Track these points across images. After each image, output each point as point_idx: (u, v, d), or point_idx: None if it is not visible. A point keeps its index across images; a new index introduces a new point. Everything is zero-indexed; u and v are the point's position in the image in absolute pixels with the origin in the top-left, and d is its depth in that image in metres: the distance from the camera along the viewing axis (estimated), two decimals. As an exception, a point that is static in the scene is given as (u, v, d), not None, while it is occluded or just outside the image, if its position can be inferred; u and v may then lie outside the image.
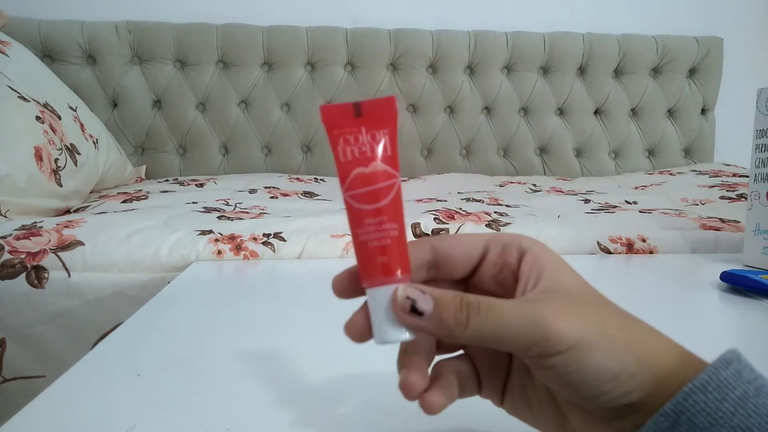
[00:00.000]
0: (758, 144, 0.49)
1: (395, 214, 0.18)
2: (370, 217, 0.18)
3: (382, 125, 0.18)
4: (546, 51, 1.20)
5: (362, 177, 0.18)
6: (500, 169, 1.22)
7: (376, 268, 0.18)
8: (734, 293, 0.43)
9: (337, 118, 0.18)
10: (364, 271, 0.18)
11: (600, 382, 0.16)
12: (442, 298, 0.17)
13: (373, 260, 0.18)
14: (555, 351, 0.16)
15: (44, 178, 0.71)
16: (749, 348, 0.33)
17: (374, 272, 0.18)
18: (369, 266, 0.18)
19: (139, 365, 0.30)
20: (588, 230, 0.60)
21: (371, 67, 1.16)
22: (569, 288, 0.18)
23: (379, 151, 0.18)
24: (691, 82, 1.26)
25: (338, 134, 0.18)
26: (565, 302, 0.17)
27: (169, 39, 1.10)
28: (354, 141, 0.18)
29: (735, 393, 0.15)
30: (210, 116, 1.14)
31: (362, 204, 0.18)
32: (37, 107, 0.76)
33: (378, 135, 0.18)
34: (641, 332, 0.18)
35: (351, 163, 0.18)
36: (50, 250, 0.55)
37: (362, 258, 0.18)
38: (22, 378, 0.55)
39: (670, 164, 1.25)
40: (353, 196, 0.18)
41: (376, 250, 0.18)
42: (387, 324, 0.18)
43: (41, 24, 1.05)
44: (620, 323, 0.17)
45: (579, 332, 0.16)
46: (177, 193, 0.86)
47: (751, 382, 0.15)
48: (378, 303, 0.18)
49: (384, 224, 0.18)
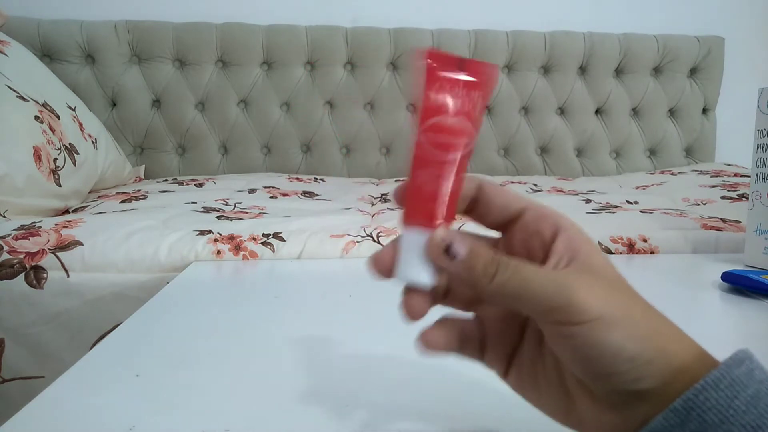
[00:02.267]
0: (759, 143, 0.49)
1: (459, 171, 0.18)
2: (435, 165, 0.18)
3: (480, 87, 0.18)
4: (547, 50, 1.19)
5: (446, 125, 0.18)
6: (501, 168, 1.22)
7: (423, 211, 0.18)
8: (735, 293, 0.43)
9: (442, 62, 0.18)
10: (411, 210, 0.18)
11: (616, 360, 0.16)
12: (476, 247, 0.18)
13: (423, 204, 0.18)
14: (577, 320, 0.16)
15: (43, 178, 0.71)
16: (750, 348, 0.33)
17: (420, 214, 0.18)
18: (417, 207, 0.18)
19: (138, 365, 0.30)
20: (589, 230, 0.59)
21: (371, 67, 1.16)
22: (602, 271, 0.18)
23: (469, 107, 0.18)
24: (693, 81, 1.26)
25: (438, 75, 0.18)
26: (595, 279, 0.17)
27: (168, 38, 1.10)
28: (450, 88, 0.18)
29: (747, 391, 0.15)
30: (209, 116, 1.14)
31: (435, 149, 0.18)
32: (36, 107, 0.76)
33: (474, 94, 0.18)
34: (665, 324, 0.18)
35: (440, 108, 0.18)
36: (49, 250, 0.55)
37: (413, 198, 0.18)
38: (21, 378, 0.55)
39: (671, 164, 1.25)
40: (429, 138, 0.18)
41: (429, 195, 0.18)
42: (414, 265, 0.18)
43: (40, 23, 1.05)
44: (645, 311, 0.17)
45: (604, 308, 0.16)
46: (176, 193, 0.86)
47: (763, 382, 0.15)
48: (412, 243, 0.18)
49: (446, 175, 0.18)
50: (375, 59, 1.15)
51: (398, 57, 1.16)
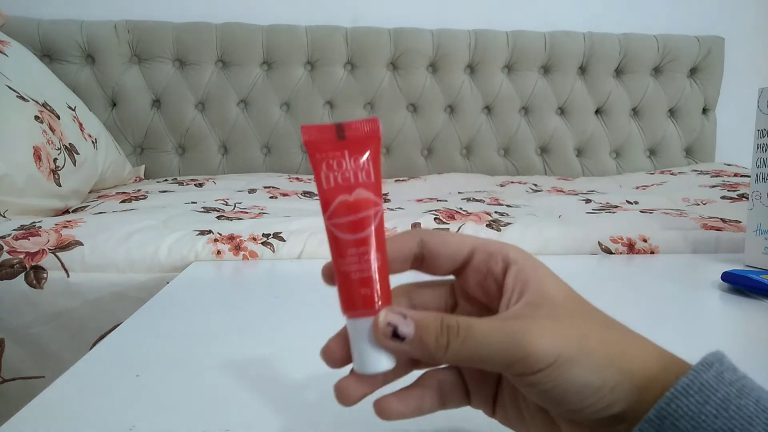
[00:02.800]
0: (759, 143, 0.49)
1: (378, 243, 0.18)
2: (352, 247, 0.17)
3: (365, 149, 0.18)
4: (547, 50, 1.19)
5: (346, 205, 0.17)
6: (501, 168, 1.22)
7: (357, 300, 0.17)
8: (735, 293, 0.43)
9: (320, 140, 0.18)
10: (345, 301, 0.18)
11: (582, 396, 0.16)
12: (422, 321, 0.17)
13: (355, 291, 0.17)
14: (535, 369, 0.16)
15: (43, 178, 0.71)
16: (750, 348, 0.33)
17: (356, 303, 0.17)
18: (350, 297, 0.18)
19: (139, 366, 0.30)
20: (589, 230, 0.60)
21: (371, 67, 1.16)
22: (553, 300, 0.18)
23: (362, 177, 0.17)
24: (693, 81, 1.26)
25: (321, 158, 0.18)
26: (547, 317, 0.17)
27: (168, 38, 1.10)
28: (337, 166, 0.17)
29: (717, 395, 0.15)
30: (209, 116, 1.14)
31: (345, 233, 0.17)
32: (36, 107, 0.76)
33: (362, 160, 0.18)
34: (622, 342, 0.18)
35: (334, 190, 0.17)
36: (49, 250, 0.55)
37: (344, 288, 0.18)
38: (21, 378, 0.55)
39: (671, 164, 1.25)
40: (336, 224, 0.17)
41: (359, 281, 0.17)
42: (368, 354, 0.18)
43: (40, 23, 1.05)
44: (601, 334, 0.17)
45: (558, 349, 0.16)
46: (176, 193, 0.86)
47: (733, 384, 0.15)
48: (358, 333, 0.18)
49: (367, 255, 0.17)
50: (375, 59, 1.15)
51: (398, 57, 1.16)
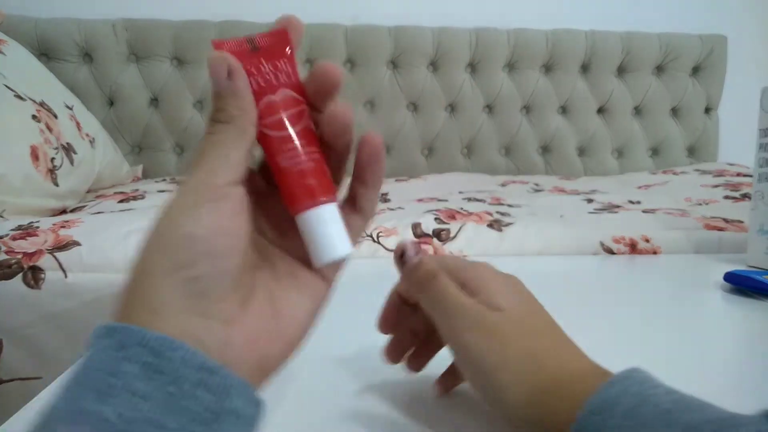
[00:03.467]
0: (762, 143, 0.48)
1: (311, 137, 0.18)
2: (286, 143, 0.18)
3: (280, 55, 0.18)
4: (548, 49, 1.19)
5: (272, 104, 0.18)
6: (502, 168, 1.22)
7: (302, 193, 0.18)
8: (738, 294, 0.42)
9: (236, 53, 0.18)
10: (290, 198, 0.18)
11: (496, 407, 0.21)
12: (425, 260, 0.23)
13: (299, 185, 0.18)
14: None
15: (40, 177, 0.70)
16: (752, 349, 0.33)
17: (300, 198, 0.18)
18: (293, 193, 0.18)
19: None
20: (591, 230, 0.59)
21: (371, 65, 1.15)
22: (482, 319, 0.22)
23: (284, 78, 0.18)
24: (695, 80, 1.25)
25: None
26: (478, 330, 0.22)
27: (166, 36, 1.09)
28: (257, 72, 0.18)
29: (620, 408, 0.17)
30: (208, 114, 1.13)
31: (276, 131, 0.18)
32: (34, 106, 0.76)
33: (279, 64, 0.18)
34: (534, 360, 0.21)
35: (259, 93, 0.18)
36: (47, 250, 0.54)
37: (285, 186, 0.18)
38: (19, 379, 0.54)
39: (673, 163, 1.25)
40: (267, 124, 0.18)
41: (298, 174, 0.18)
42: (322, 244, 0.18)
43: (37, 22, 1.04)
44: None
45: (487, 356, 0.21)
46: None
47: (636, 395, 0.17)
48: (310, 227, 0.18)
49: (303, 148, 0.18)
50: (375, 58, 1.15)
51: (398, 55, 1.16)
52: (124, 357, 0.14)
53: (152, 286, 0.15)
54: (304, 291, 0.19)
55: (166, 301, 0.15)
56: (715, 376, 0.29)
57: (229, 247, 0.16)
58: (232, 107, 0.17)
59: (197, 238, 0.15)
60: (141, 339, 0.14)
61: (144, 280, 0.15)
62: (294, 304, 0.18)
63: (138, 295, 0.15)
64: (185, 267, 0.15)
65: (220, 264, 0.16)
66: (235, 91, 0.17)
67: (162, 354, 0.14)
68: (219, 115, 0.17)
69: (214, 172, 0.16)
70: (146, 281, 0.15)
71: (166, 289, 0.15)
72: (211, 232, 0.16)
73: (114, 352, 0.14)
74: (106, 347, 0.14)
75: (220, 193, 0.16)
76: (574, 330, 0.23)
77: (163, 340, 0.14)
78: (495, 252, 0.57)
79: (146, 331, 0.14)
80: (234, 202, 0.16)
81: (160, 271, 0.15)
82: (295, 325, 0.18)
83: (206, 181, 0.16)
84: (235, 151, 0.17)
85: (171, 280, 0.15)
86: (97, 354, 0.14)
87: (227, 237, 0.16)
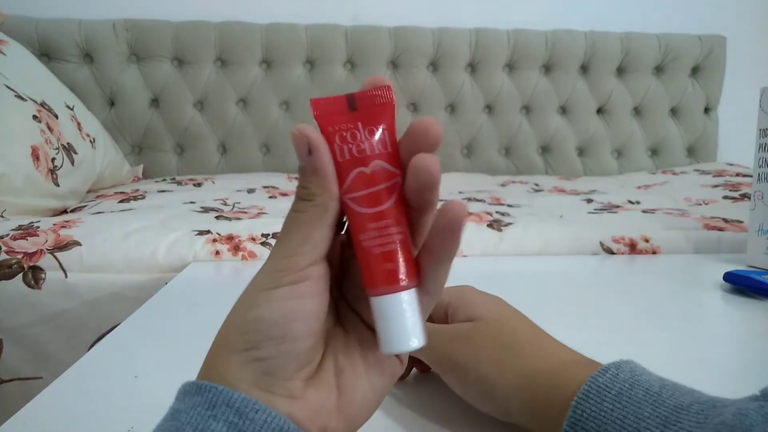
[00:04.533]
0: (762, 143, 0.49)
1: (399, 216, 0.17)
2: (371, 222, 0.16)
3: (380, 119, 0.17)
4: (548, 49, 1.19)
5: (362, 177, 0.16)
6: (502, 168, 1.22)
7: (381, 276, 0.16)
8: (737, 294, 0.42)
9: (331, 113, 0.17)
10: (368, 279, 0.17)
11: (484, 403, 0.21)
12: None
13: (379, 267, 0.16)
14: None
15: (41, 177, 0.71)
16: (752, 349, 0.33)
17: (380, 280, 0.16)
18: (374, 274, 0.17)
19: (137, 367, 0.30)
20: (590, 230, 0.59)
21: (371, 65, 1.15)
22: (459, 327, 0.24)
23: (379, 148, 0.17)
24: (694, 80, 1.25)
25: (333, 131, 0.17)
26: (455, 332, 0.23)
27: (166, 37, 1.09)
28: (351, 138, 0.17)
29: (611, 393, 0.18)
30: (208, 115, 1.13)
31: (364, 207, 0.16)
32: (34, 106, 0.76)
33: (377, 130, 0.17)
34: (513, 358, 0.21)
35: (350, 163, 0.17)
36: (47, 250, 0.54)
37: (366, 265, 0.17)
38: (19, 379, 0.54)
39: (672, 163, 1.25)
40: (354, 198, 0.17)
41: (381, 256, 0.16)
42: (396, 333, 0.17)
43: (38, 22, 1.04)
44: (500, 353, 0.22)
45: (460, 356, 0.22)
46: (174, 193, 0.86)
47: (626, 381, 0.18)
48: (384, 312, 0.17)
49: (388, 228, 0.16)
50: (375, 58, 1.15)
51: (399, 56, 1.16)
52: (211, 416, 0.15)
53: (225, 360, 0.16)
54: (373, 366, 0.18)
55: (237, 376, 0.16)
56: (714, 375, 0.29)
57: (302, 332, 0.16)
58: (314, 185, 0.16)
59: (269, 321, 0.16)
60: (228, 399, 0.15)
61: (220, 351, 0.16)
62: (359, 380, 0.17)
63: (214, 364, 0.16)
64: (254, 348, 0.16)
65: (290, 347, 0.16)
66: (316, 168, 0.16)
67: (245, 415, 0.15)
68: (302, 192, 0.17)
69: (294, 253, 0.16)
70: (221, 354, 0.16)
71: (236, 365, 0.16)
72: (284, 317, 0.16)
73: (204, 410, 0.15)
74: (196, 404, 0.15)
75: (301, 275, 0.16)
76: (574, 329, 0.23)
77: (248, 402, 0.15)
78: (494, 252, 0.57)
79: (232, 392, 0.15)
80: (313, 284, 0.16)
81: (232, 348, 0.16)
82: (357, 401, 0.17)
83: (287, 262, 0.16)
84: (317, 230, 0.16)
85: (240, 358, 0.16)
86: (187, 411, 0.15)
87: (300, 322, 0.16)
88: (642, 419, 0.17)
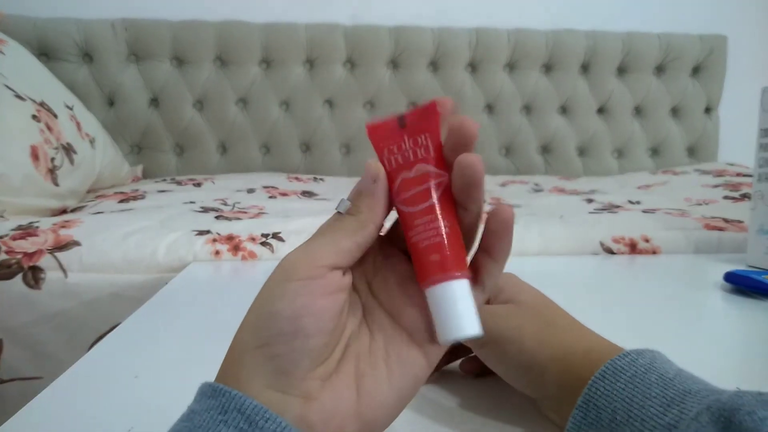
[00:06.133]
0: (762, 143, 0.48)
1: (444, 211, 0.18)
2: (418, 218, 0.18)
3: (423, 129, 0.18)
4: (548, 49, 1.19)
5: (407, 181, 0.18)
6: (502, 168, 1.22)
7: (430, 267, 0.18)
8: (738, 294, 0.42)
9: (383, 132, 0.19)
10: (419, 272, 0.18)
11: (518, 375, 0.23)
12: None
13: (426, 259, 0.18)
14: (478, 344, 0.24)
15: (40, 177, 0.70)
16: (753, 349, 0.33)
17: (429, 271, 0.18)
18: (423, 266, 0.18)
19: (137, 367, 0.30)
20: (591, 230, 0.59)
21: (371, 65, 1.15)
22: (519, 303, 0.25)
23: (421, 153, 0.18)
24: (695, 80, 1.25)
25: (383, 146, 0.19)
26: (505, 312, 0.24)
27: (165, 37, 1.09)
28: (397, 150, 0.19)
29: (626, 375, 0.19)
30: (207, 115, 1.13)
31: (409, 207, 0.18)
32: (34, 106, 0.76)
33: (419, 139, 0.18)
34: (553, 335, 0.23)
35: (396, 171, 0.18)
36: (47, 250, 0.54)
37: (416, 259, 0.18)
38: (19, 379, 0.54)
39: (673, 163, 1.25)
40: (402, 201, 0.18)
41: (428, 249, 0.18)
42: (451, 322, 0.17)
43: (37, 22, 1.04)
44: (539, 328, 0.23)
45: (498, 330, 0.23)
46: (174, 193, 0.86)
47: (643, 365, 0.19)
48: (438, 301, 0.17)
49: (432, 222, 0.18)
50: (375, 58, 1.15)
51: (399, 55, 1.16)
52: (222, 421, 0.15)
53: (240, 359, 0.16)
54: (396, 371, 0.17)
55: (250, 375, 0.16)
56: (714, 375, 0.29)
57: (313, 329, 0.16)
58: (365, 205, 0.18)
59: (281, 316, 0.16)
60: (240, 405, 0.15)
61: (235, 351, 0.17)
62: (380, 384, 0.17)
63: (230, 365, 0.17)
64: (266, 345, 0.16)
65: (301, 344, 0.16)
66: (374, 193, 0.18)
67: (255, 423, 0.15)
68: (350, 208, 0.18)
69: (315, 251, 0.17)
70: (236, 353, 0.17)
71: (250, 364, 0.16)
72: (295, 312, 0.16)
73: (216, 414, 0.15)
74: (209, 408, 0.15)
75: (315, 273, 0.16)
76: (575, 329, 0.23)
77: (258, 409, 0.15)
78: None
79: (245, 398, 0.15)
80: (327, 283, 0.16)
81: (246, 346, 0.16)
82: (376, 406, 0.17)
83: (305, 258, 0.17)
84: (347, 239, 0.17)
85: (254, 356, 0.16)
86: (201, 414, 0.15)
87: (311, 318, 0.16)
88: (648, 398, 0.17)
